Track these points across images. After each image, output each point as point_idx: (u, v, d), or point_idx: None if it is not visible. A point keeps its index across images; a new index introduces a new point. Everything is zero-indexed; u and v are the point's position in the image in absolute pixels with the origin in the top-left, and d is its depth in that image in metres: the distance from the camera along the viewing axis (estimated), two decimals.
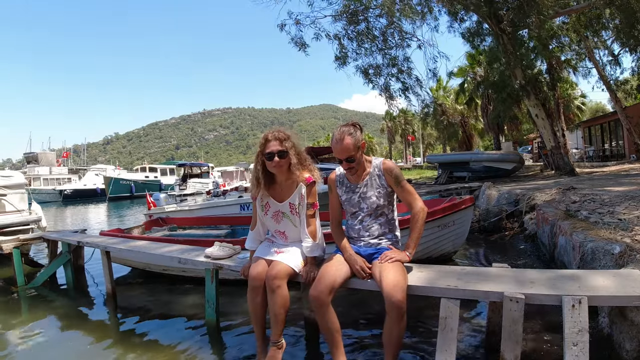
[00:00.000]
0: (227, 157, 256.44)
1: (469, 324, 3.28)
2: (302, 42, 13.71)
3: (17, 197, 7.94)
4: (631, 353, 2.20)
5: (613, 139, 23.29)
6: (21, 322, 4.11)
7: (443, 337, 2.24)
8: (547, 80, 16.42)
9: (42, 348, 3.39)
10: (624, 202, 5.07)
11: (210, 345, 3.21)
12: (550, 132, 13.27)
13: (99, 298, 4.78)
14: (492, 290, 2.23)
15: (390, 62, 14.18)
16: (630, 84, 21.59)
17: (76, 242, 5.09)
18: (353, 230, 2.68)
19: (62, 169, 42.13)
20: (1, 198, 7.58)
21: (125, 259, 5.52)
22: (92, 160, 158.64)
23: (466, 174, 15.60)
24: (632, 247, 2.91)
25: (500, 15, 12.66)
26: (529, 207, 6.84)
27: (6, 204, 7.61)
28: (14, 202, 7.70)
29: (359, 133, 2.52)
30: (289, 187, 2.69)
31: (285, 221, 2.75)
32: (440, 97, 36.45)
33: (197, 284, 4.51)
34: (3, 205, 7.59)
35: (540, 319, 3.11)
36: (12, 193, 7.87)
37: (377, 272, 2.35)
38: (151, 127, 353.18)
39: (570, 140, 25.26)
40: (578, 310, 2.01)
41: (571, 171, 12.60)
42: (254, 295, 2.60)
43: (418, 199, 2.53)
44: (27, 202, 8.21)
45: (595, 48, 16.55)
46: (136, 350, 3.20)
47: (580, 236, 3.51)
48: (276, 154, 2.56)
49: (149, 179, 38.48)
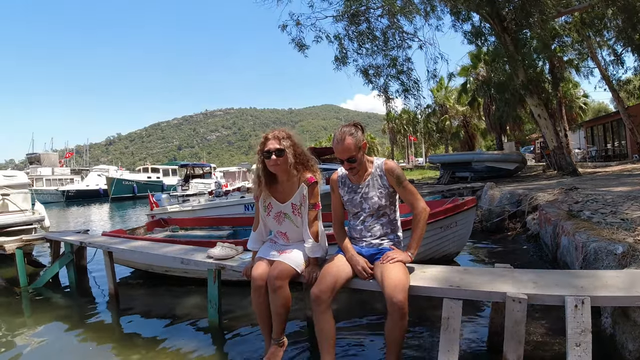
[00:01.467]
0: (229, 157, 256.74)
1: (472, 325, 3.27)
2: (302, 43, 13.76)
3: (21, 197, 7.95)
4: (634, 353, 2.19)
5: (616, 139, 23.21)
6: (24, 323, 4.12)
7: (445, 337, 2.24)
8: (550, 80, 16.40)
9: (45, 349, 3.40)
10: (627, 202, 5.06)
11: (212, 346, 3.21)
12: (553, 132, 13.25)
13: (101, 299, 4.78)
14: (495, 291, 2.22)
15: (391, 63, 14.19)
16: (632, 84, 21.53)
17: (79, 242, 5.10)
18: (355, 231, 2.68)
19: (65, 170, 42.29)
20: (4, 198, 7.60)
21: (127, 260, 5.53)
22: (94, 161, 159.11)
23: (468, 174, 15.60)
24: (634, 248, 2.90)
25: (503, 15, 12.67)
26: (532, 208, 6.82)
27: (9, 204, 7.63)
28: (17, 201, 7.72)
29: (360, 133, 2.52)
30: (291, 188, 2.69)
31: (287, 222, 2.75)
32: (442, 98, 36.48)
33: (200, 285, 4.52)
34: (6, 205, 7.60)
35: (543, 320, 3.10)
36: (16, 193, 7.88)
37: (379, 273, 2.35)
38: (153, 128, 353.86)
39: (572, 140, 25.26)
40: (581, 311, 2.00)
41: (574, 171, 12.58)
42: (257, 295, 2.61)
43: (420, 200, 2.52)
44: (30, 202, 8.23)
45: (598, 48, 16.54)
46: (139, 351, 3.20)
47: (583, 236, 3.50)
48: (274, 152, 2.56)
49: (151, 179, 38.61)
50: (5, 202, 7.62)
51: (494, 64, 16.20)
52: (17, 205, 7.64)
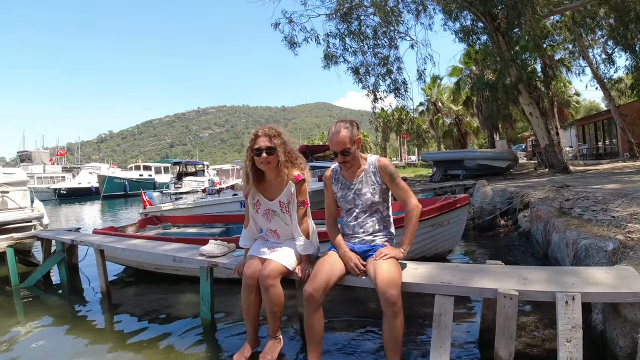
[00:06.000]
0: (222, 155, 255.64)
1: (464, 321, 3.29)
2: (294, 41, 13.74)
3: (20, 194, 7.86)
4: (625, 349, 2.21)
5: (607, 137, 23.42)
6: (15, 322, 4.07)
7: (437, 333, 2.24)
8: (541, 78, 16.49)
9: (36, 348, 3.36)
10: (617, 200, 5.10)
11: (205, 343, 3.20)
12: (544, 130, 13.34)
13: (93, 297, 4.74)
14: (486, 287, 2.24)
15: (382, 62, 14.20)
16: (624, 83, 21.69)
17: (70, 240, 5.05)
18: (348, 227, 2.68)
19: (56, 168, 41.93)
20: (4, 195, 7.52)
21: (119, 258, 5.48)
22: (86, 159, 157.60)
23: (460, 171, 15.65)
24: (625, 244, 2.93)
25: (495, 13, 12.71)
26: (523, 205, 6.86)
27: (8, 201, 7.55)
28: (16, 199, 7.64)
29: (355, 129, 2.53)
30: (279, 185, 2.69)
31: (276, 219, 2.75)
32: (435, 95, 36.53)
33: (191, 283, 4.50)
34: (5, 202, 7.52)
35: (534, 316, 3.12)
36: (15, 190, 7.80)
37: (372, 269, 2.36)
38: (145, 125, 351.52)
39: (564, 139, 25.41)
40: (572, 307, 2.02)
41: (565, 169, 12.69)
42: (248, 293, 2.61)
43: (412, 197, 2.53)
44: (29, 199, 8.14)
45: (589, 47, 16.65)
46: (131, 348, 3.18)
47: (574, 233, 3.53)
48: (264, 150, 2.56)
49: (143, 177, 38.40)
50: (4, 199, 7.53)
51: (484, 62, 16.24)
52: (16, 202, 7.56)
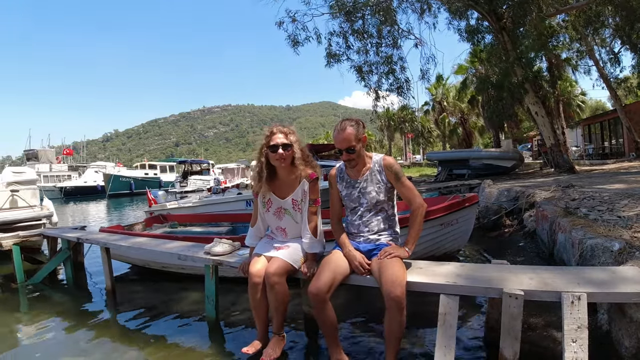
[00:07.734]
0: (226, 154, 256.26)
1: (468, 320, 3.28)
2: (297, 40, 13.72)
3: (29, 193, 7.94)
4: (630, 350, 2.20)
5: (613, 136, 23.25)
6: (21, 319, 4.11)
7: (442, 333, 2.24)
8: (547, 77, 16.40)
9: (42, 344, 3.39)
10: (624, 200, 5.07)
11: (210, 341, 3.21)
12: (550, 130, 13.26)
13: (98, 295, 4.77)
14: (491, 287, 2.23)
15: (386, 61, 14.16)
16: (630, 82, 21.56)
17: (76, 238, 5.08)
18: (353, 226, 2.68)
19: (62, 166, 42.16)
20: (14, 194, 7.59)
21: (125, 256, 5.51)
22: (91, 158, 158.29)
23: (466, 171, 15.60)
24: (631, 244, 2.91)
25: (500, 12, 12.65)
26: (529, 205, 6.83)
27: (19, 200, 7.62)
28: (26, 197, 7.71)
29: (361, 128, 2.54)
30: (292, 183, 2.70)
31: (287, 218, 2.75)
32: (440, 95, 36.45)
33: (197, 281, 4.51)
34: (15, 201, 7.60)
35: (539, 316, 3.11)
36: (24, 189, 7.88)
37: (376, 268, 2.36)
38: (151, 125, 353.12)
39: (570, 138, 25.30)
40: (577, 307, 2.01)
41: (571, 169, 12.61)
42: (254, 291, 2.61)
43: (417, 196, 2.53)
44: (38, 198, 8.22)
45: (595, 46, 16.53)
46: (136, 346, 3.20)
47: (580, 233, 3.51)
48: (281, 146, 2.58)
49: (148, 176, 38.53)
50: (14, 198, 7.61)
51: (489, 62, 16.17)
52: (26, 201, 7.63)
